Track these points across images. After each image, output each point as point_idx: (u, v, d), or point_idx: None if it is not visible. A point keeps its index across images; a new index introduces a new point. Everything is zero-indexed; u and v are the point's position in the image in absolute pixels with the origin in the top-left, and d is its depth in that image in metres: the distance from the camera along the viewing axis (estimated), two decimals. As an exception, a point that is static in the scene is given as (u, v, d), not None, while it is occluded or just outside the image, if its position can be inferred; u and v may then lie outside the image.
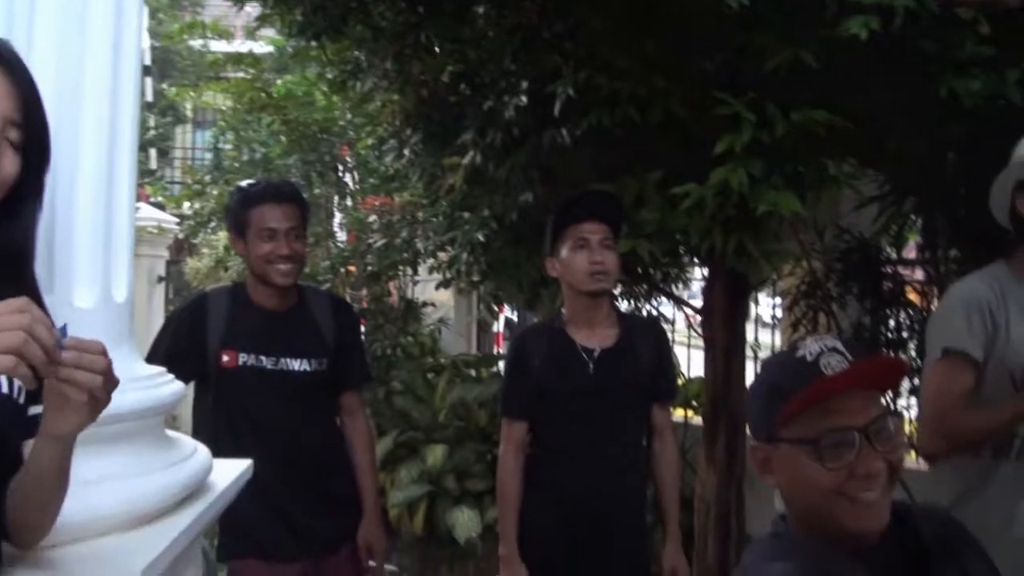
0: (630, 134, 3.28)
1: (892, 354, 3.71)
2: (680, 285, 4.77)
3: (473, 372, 6.62)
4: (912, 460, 4.05)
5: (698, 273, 4.84)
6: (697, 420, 5.41)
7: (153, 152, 15.73)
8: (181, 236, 10.34)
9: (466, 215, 3.91)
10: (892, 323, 3.70)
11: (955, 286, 2.28)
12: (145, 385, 1.64)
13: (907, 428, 3.84)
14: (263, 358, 2.77)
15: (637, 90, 2.99)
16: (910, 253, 4.00)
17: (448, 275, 4.58)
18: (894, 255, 3.66)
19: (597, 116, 3.09)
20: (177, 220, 10.08)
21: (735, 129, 2.74)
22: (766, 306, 6.14)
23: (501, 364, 5.82)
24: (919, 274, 3.84)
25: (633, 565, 2.79)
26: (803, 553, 1.35)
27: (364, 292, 6.53)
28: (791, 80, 2.78)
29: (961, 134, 2.73)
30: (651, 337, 2.84)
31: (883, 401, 1.43)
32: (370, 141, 4.96)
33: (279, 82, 7.83)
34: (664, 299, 4.78)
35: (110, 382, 1.14)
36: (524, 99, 3.40)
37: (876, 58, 2.66)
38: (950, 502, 2.12)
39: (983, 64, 2.52)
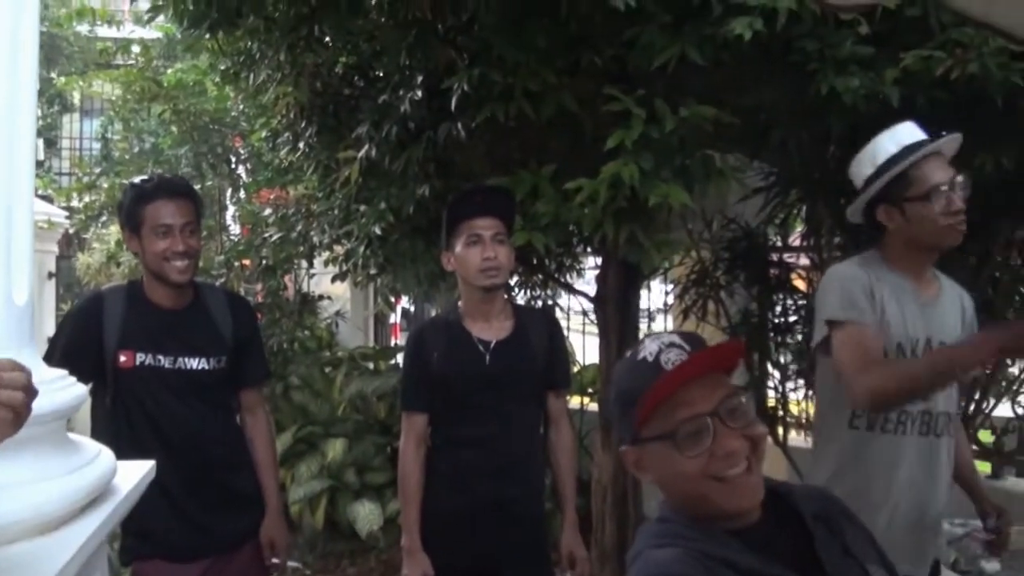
0: (525, 128, 3.33)
1: (780, 338, 3.86)
2: (575, 275, 4.85)
3: (371, 365, 6.59)
4: (796, 437, 4.23)
5: (592, 263, 4.92)
6: (593, 407, 5.52)
7: (40, 142, 15.13)
8: (71, 230, 9.99)
9: (362, 208, 3.89)
10: (779, 308, 3.84)
11: (835, 267, 2.40)
12: (48, 389, 1.60)
13: (796, 409, 4.02)
14: (161, 357, 2.74)
15: (530, 85, 3.04)
16: (797, 241, 4.16)
17: (345, 268, 4.55)
18: (780, 243, 3.80)
19: (491, 110, 3.13)
20: (67, 214, 9.73)
21: (625, 124, 2.82)
22: (659, 293, 6.29)
23: (399, 356, 5.82)
24: (804, 261, 4.00)
25: (533, 551, 2.85)
26: (686, 537, 1.41)
27: (259, 286, 6.43)
28: (680, 76, 2.87)
29: (841, 128, 2.85)
30: (544, 328, 2.90)
31: (730, 380, 1.50)
32: (264, 133, 4.88)
33: (170, 71, 7.63)
34: (560, 289, 4.86)
35: (30, 395, 1.13)
36: (419, 93, 3.41)
37: (760, 56, 2.78)
38: (831, 474, 2.24)
39: (862, 63, 2.66)
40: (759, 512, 1.46)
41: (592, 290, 4.12)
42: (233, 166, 7.52)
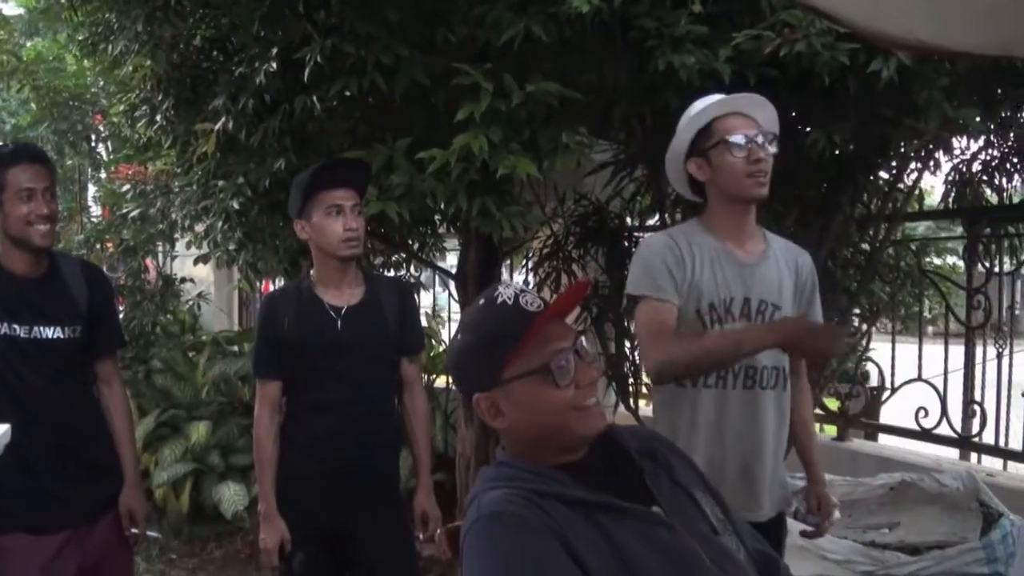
0: (381, 102, 3.37)
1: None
2: (437, 254, 4.91)
3: (235, 348, 6.51)
4: (646, 406, 4.40)
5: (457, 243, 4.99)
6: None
7: None
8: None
9: (220, 183, 3.86)
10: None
11: (645, 239, 2.52)
12: None
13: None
14: (16, 326, 2.69)
15: (382, 58, 3.08)
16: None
17: (206, 246, 4.51)
18: (631, 218, 3.94)
19: (345, 83, 3.16)
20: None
21: (475, 98, 2.89)
22: (522, 272, 6.42)
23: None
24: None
25: (389, 514, 2.91)
26: (519, 478, 1.51)
27: (120, 270, 6.28)
28: (528, 54, 2.96)
29: (678, 104, 2.99)
30: (395, 294, 2.96)
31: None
32: (122, 107, 4.77)
33: (28, 45, 7.36)
34: (423, 266, 4.91)
35: None
36: (275, 65, 3.41)
37: (602, 34, 2.89)
38: (665, 430, 2.36)
39: (697, 41, 2.79)
40: (586, 449, 1.57)
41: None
42: (93, 144, 7.30)
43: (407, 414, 3.01)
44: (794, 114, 3.04)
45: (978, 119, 3.14)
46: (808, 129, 3.10)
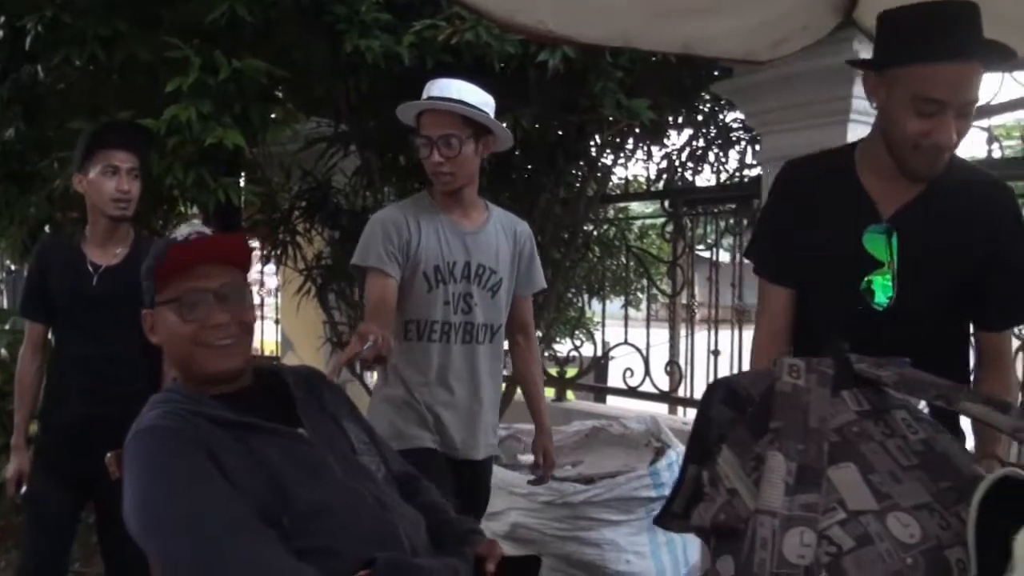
0: (106, 74, 3.49)
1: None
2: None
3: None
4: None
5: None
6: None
7: None
8: None
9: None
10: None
11: (375, 214, 2.76)
12: None
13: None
14: None
15: (100, 31, 3.22)
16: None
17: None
18: (356, 195, 4.16)
19: (66, 53, 3.28)
20: None
21: (184, 71, 3.09)
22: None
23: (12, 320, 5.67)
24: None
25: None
26: (177, 401, 1.71)
27: None
28: (242, 33, 3.17)
29: (368, 84, 3.29)
30: None
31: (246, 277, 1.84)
32: None
33: None
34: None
35: None
36: (2, 33, 3.48)
37: (301, 17, 3.15)
38: (404, 382, 2.63)
39: (384, 27, 3.09)
40: (248, 381, 1.79)
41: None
42: None
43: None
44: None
45: (657, 111, 3.56)
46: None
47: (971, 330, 1.93)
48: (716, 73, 3.66)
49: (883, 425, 1.25)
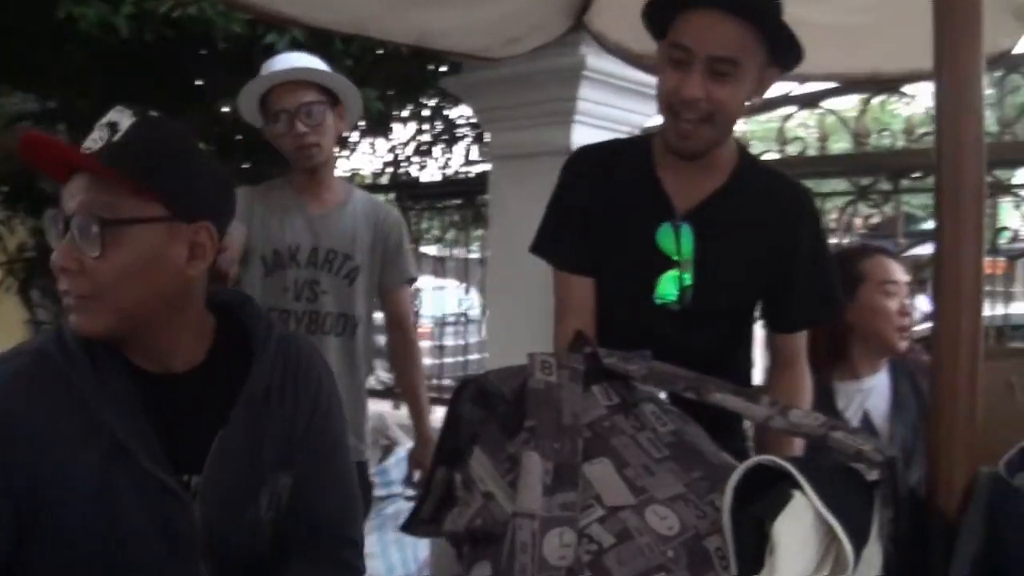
0: None
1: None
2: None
3: None
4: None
5: None
6: None
7: None
8: None
9: None
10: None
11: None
12: None
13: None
14: None
15: None
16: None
17: None
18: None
19: None
20: None
21: None
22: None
23: None
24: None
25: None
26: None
27: None
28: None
29: (83, 55, 3.06)
30: None
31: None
32: None
33: None
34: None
35: None
36: None
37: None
38: None
39: (103, -5, 2.89)
40: None
41: None
42: None
43: None
44: (200, 82, 3.23)
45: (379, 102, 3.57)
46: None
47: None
48: (444, 69, 3.73)
49: (633, 419, 1.24)
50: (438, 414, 2.69)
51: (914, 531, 0.97)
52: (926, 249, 2.97)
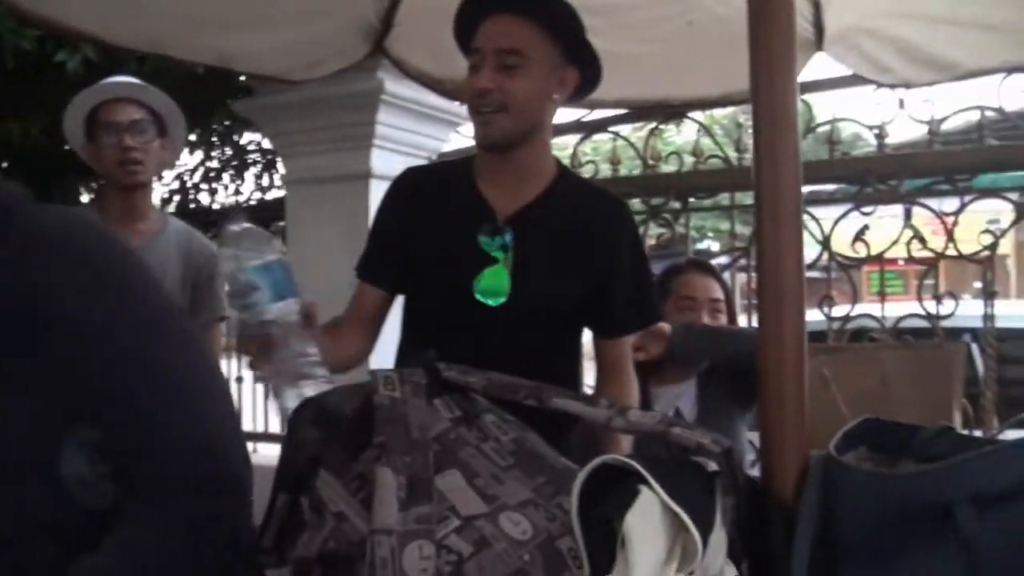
0: None
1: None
2: None
3: None
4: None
5: None
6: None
7: None
8: None
9: None
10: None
11: None
12: None
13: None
14: None
15: None
16: None
17: None
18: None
19: None
20: None
21: None
22: None
23: None
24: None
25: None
26: None
27: None
28: None
29: None
30: None
31: None
32: None
33: None
34: None
35: None
36: None
37: None
38: None
39: None
40: None
41: None
42: None
43: None
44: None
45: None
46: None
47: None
48: (237, 93, 3.64)
49: (476, 430, 1.26)
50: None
51: (754, 516, 1.04)
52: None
